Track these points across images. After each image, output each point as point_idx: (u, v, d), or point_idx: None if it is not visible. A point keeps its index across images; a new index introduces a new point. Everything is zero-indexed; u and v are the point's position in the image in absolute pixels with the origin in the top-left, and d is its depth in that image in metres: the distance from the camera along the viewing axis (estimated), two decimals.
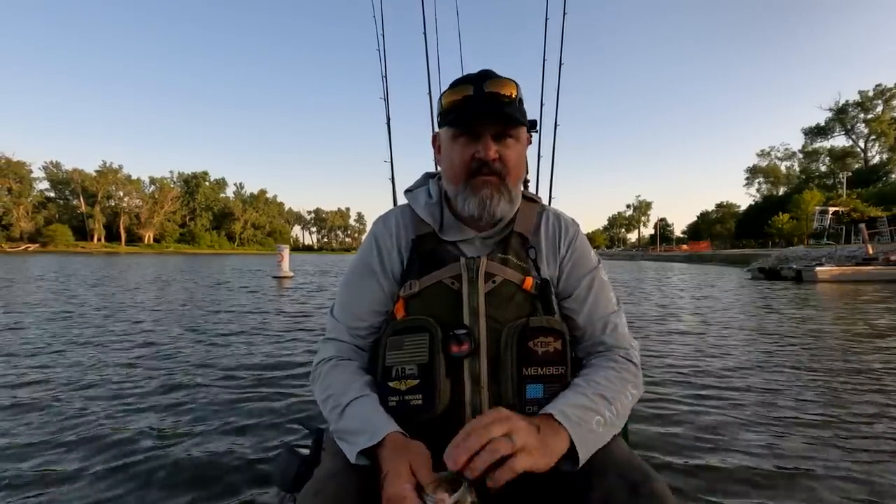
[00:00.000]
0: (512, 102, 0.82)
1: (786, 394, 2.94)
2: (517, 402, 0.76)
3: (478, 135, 0.82)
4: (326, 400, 0.79)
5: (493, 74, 0.84)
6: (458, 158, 0.83)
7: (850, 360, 3.88)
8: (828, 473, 1.89)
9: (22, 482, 1.79)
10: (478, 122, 0.81)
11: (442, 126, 0.87)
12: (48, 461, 1.97)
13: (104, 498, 1.67)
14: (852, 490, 1.77)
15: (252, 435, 2.23)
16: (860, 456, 2.06)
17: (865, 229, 16.78)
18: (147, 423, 2.36)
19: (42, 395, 2.85)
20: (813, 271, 14.10)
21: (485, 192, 0.82)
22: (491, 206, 0.83)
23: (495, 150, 0.81)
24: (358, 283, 0.90)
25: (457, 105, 0.82)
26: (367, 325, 0.88)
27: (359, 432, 0.71)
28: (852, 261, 15.84)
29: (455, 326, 0.78)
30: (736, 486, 1.80)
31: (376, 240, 0.92)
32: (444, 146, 0.88)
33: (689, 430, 2.37)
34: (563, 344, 0.79)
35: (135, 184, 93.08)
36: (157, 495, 1.69)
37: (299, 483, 0.81)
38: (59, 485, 1.77)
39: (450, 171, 0.86)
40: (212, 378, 3.22)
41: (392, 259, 0.90)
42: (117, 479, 1.79)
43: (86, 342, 4.49)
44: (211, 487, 1.75)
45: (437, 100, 0.88)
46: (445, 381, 0.77)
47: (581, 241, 0.93)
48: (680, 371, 3.52)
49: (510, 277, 0.82)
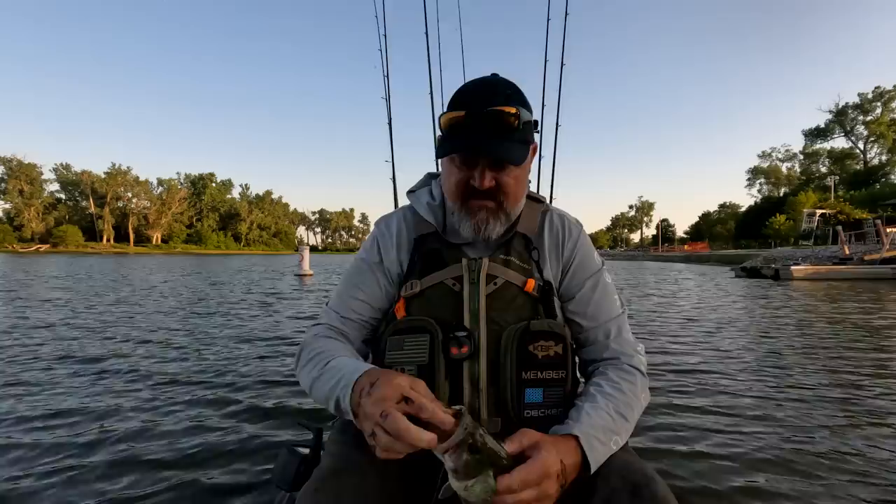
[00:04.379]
0: (512, 130, 0.76)
1: (722, 364, 3.70)
2: (516, 405, 0.76)
3: (474, 162, 0.79)
4: (312, 359, 0.78)
5: (495, 95, 0.77)
6: (454, 182, 0.82)
7: (769, 338, 4.80)
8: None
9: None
10: (469, 154, 0.78)
11: (440, 145, 0.84)
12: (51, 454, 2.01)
13: (104, 498, 1.67)
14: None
15: (252, 434, 2.23)
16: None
17: (842, 232, 17.67)
18: (146, 423, 2.37)
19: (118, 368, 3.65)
20: (789, 270, 14.99)
21: (480, 217, 0.81)
22: (486, 230, 0.82)
23: (491, 178, 0.78)
24: (356, 276, 0.91)
25: (453, 127, 0.78)
26: (358, 316, 0.88)
27: (346, 368, 0.70)
28: (832, 261, 16.69)
29: (455, 328, 0.78)
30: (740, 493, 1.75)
31: (377, 239, 0.93)
32: (444, 162, 0.86)
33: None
34: (564, 348, 0.79)
35: (143, 185, 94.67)
36: (157, 494, 1.69)
37: (299, 482, 0.82)
38: (55, 477, 1.80)
39: (448, 190, 0.85)
40: (213, 377, 3.25)
41: (391, 259, 0.89)
42: (116, 479, 1.80)
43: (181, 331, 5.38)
44: (210, 487, 1.76)
45: (439, 116, 0.83)
46: (444, 383, 0.76)
47: (585, 242, 0.93)
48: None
49: (512, 279, 0.82)
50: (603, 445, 0.69)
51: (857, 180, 51.48)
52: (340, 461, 0.72)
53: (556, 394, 0.78)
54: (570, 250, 0.91)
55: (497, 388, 0.77)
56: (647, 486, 0.65)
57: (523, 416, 0.76)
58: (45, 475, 1.81)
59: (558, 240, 0.92)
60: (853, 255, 16.54)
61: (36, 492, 1.70)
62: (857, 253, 17.01)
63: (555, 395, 0.78)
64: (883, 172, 52.26)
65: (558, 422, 0.75)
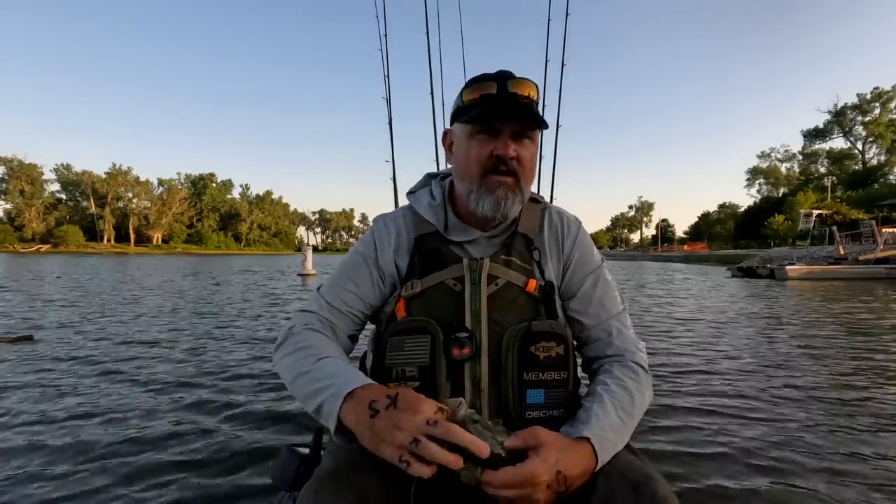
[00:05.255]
0: (533, 104, 0.82)
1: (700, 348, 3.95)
2: (517, 406, 0.76)
3: (497, 132, 0.81)
4: (297, 351, 0.77)
5: (514, 75, 0.82)
6: (475, 155, 0.82)
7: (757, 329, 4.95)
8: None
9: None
10: (498, 120, 0.80)
11: (459, 122, 0.86)
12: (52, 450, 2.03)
13: (103, 498, 1.68)
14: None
15: (251, 434, 2.24)
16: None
17: (837, 232, 17.83)
18: (145, 420, 2.40)
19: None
20: (784, 270, 15.18)
21: (500, 193, 0.82)
22: (505, 206, 0.83)
23: (514, 149, 0.81)
24: (350, 268, 0.91)
25: (477, 102, 0.81)
26: (346, 307, 0.87)
27: (338, 376, 0.69)
28: (827, 261, 16.86)
29: (456, 328, 0.78)
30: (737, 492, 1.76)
31: (374, 234, 0.93)
32: (459, 143, 0.86)
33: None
34: (565, 349, 0.79)
35: (143, 185, 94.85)
36: (157, 494, 1.70)
37: (299, 482, 0.82)
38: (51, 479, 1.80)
39: (464, 169, 0.85)
40: (213, 377, 3.26)
41: (386, 258, 0.89)
42: (115, 477, 1.81)
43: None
44: (210, 486, 1.76)
45: (458, 95, 0.87)
46: (446, 384, 0.77)
47: (584, 239, 0.94)
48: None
49: (513, 280, 0.82)
50: (612, 445, 0.70)
51: (856, 180, 51.58)
52: (341, 461, 0.72)
53: (557, 395, 0.78)
54: (569, 247, 0.92)
55: (498, 389, 0.78)
56: (648, 484, 0.65)
57: (525, 417, 0.76)
58: (43, 476, 1.81)
59: (558, 236, 0.92)
60: (848, 255, 16.74)
61: (30, 494, 1.69)
62: (853, 253, 17.20)
63: (556, 396, 0.78)
64: (882, 173, 52.40)
65: (560, 423, 0.75)
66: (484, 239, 0.89)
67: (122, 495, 1.70)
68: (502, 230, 0.90)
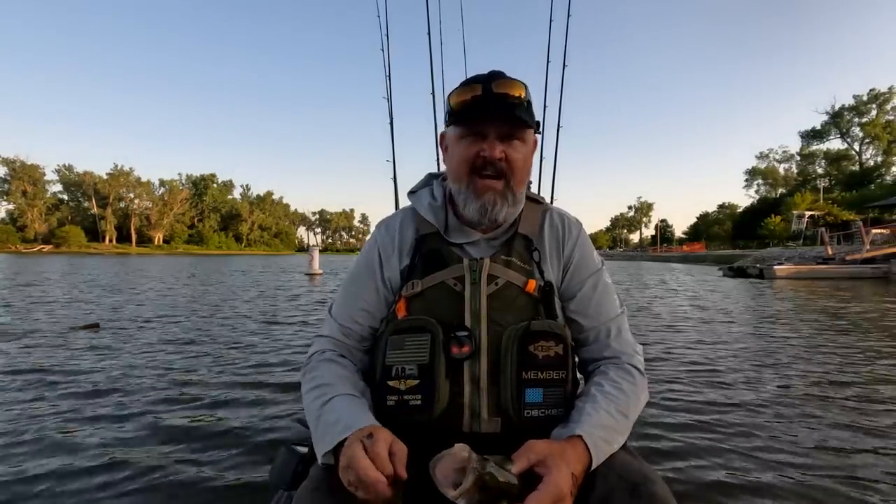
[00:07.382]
0: (520, 104, 0.82)
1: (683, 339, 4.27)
2: (516, 405, 0.77)
3: (484, 135, 0.82)
4: (313, 390, 0.79)
5: (503, 75, 0.83)
6: (463, 155, 0.84)
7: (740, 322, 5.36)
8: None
9: None
10: (484, 121, 0.82)
11: (449, 125, 0.87)
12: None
13: (102, 498, 1.67)
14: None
15: (250, 433, 2.24)
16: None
17: (826, 233, 18.33)
18: (146, 423, 2.40)
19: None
20: (772, 269, 15.65)
21: (487, 197, 0.83)
22: (493, 212, 0.84)
23: (501, 150, 0.82)
24: (355, 284, 0.92)
25: (464, 104, 0.82)
26: (359, 326, 0.89)
27: (336, 423, 0.70)
28: (815, 260, 17.30)
29: (456, 328, 0.79)
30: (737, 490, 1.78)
31: (377, 244, 0.93)
32: (451, 145, 0.88)
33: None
34: (564, 349, 0.80)
35: (145, 186, 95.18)
36: (156, 493, 1.71)
37: (297, 481, 0.83)
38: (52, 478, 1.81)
39: (454, 170, 0.87)
40: (213, 377, 3.27)
41: (392, 266, 0.90)
42: (115, 479, 1.81)
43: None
44: (209, 486, 1.76)
45: (445, 99, 0.87)
46: (445, 382, 0.77)
47: (585, 242, 0.94)
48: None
49: (513, 280, 0.83)
50: (606, 444, 0.71)
51: (852, 181, 51.89)
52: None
53: (556, 394, 0.79)
54: (570, 249, 0.92)
55: (497, 388, 0.78)
56: (646, 485, 0.65)
57: (523, 416, 0.77)
58: (41, 476, 1.83)
59: (559, 238, 0.93)
60: (836, 256, 17.18)
61: (30, 493, 1.71)
62: (841, 253, 17.70)
63: (555, 395, 0.79)
64: (878, 174, 52.73)
65: (558, 422, 0.76)
66: (484, 241, 0.90)
67: (122, 492, 1.72)
68: (502, 232, 0.91)
